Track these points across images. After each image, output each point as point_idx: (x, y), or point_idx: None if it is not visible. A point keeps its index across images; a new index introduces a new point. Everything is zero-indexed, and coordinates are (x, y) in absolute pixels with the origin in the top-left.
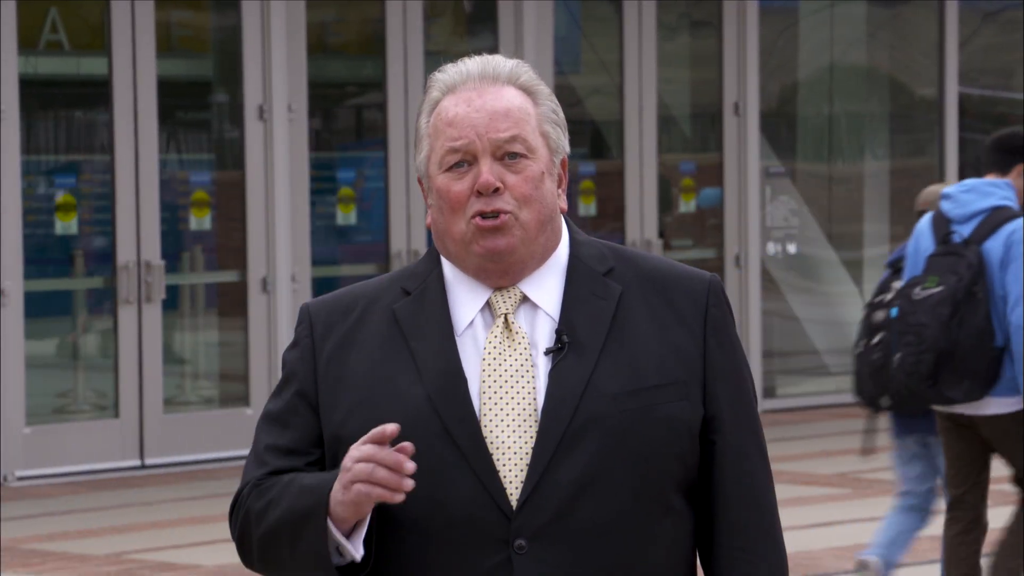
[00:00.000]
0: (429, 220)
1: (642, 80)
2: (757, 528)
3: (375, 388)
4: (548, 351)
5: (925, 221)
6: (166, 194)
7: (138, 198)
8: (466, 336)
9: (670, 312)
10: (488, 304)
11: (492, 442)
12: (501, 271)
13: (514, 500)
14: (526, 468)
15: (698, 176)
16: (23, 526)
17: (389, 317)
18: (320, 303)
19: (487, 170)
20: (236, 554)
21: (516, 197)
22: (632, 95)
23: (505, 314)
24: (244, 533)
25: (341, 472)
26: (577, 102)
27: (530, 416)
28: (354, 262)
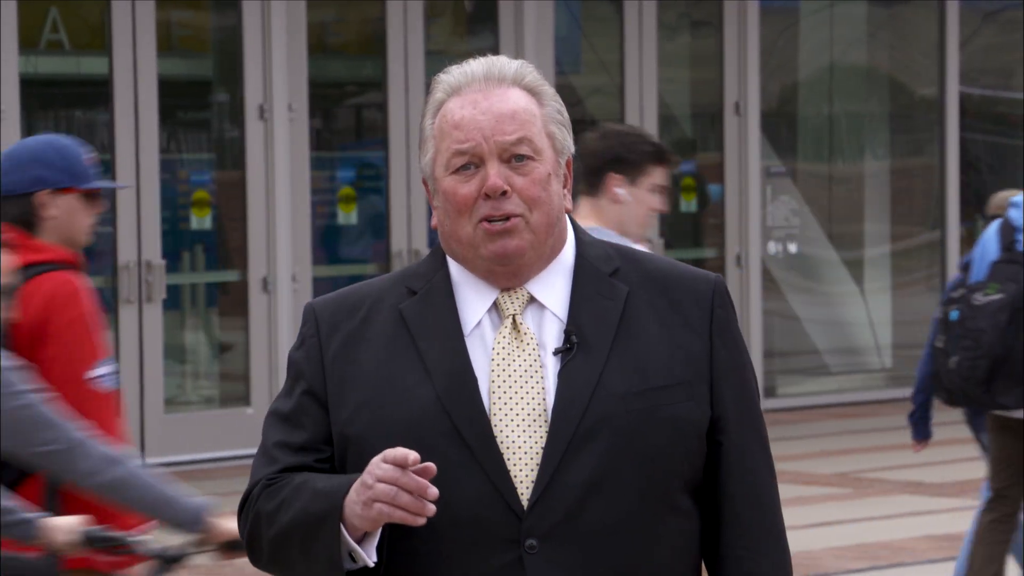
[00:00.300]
0: (435, 221)
1: (643, 80)
2: (760, 527)
3: (382, 387)
4: (557, 351)
5: (993, 227)
6: (167, 194)
7: (139, 198)
8: (474, 336)
9: (676, 313)
10: (495, 305)
11: (502, 442)
12: (510, 273)
13: (525, 500)
14: (537, 468)
15: (698, 176)
16: None
17: (395, 316)
18: (325, 302)
19: (495, 173)
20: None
21: (524, 199)
22: (633, 95)
23: (513, 315)
24: (254, 533)
25: (362, 487)
26: (578, 102)
27: (540, 416)
28: (354, 262)
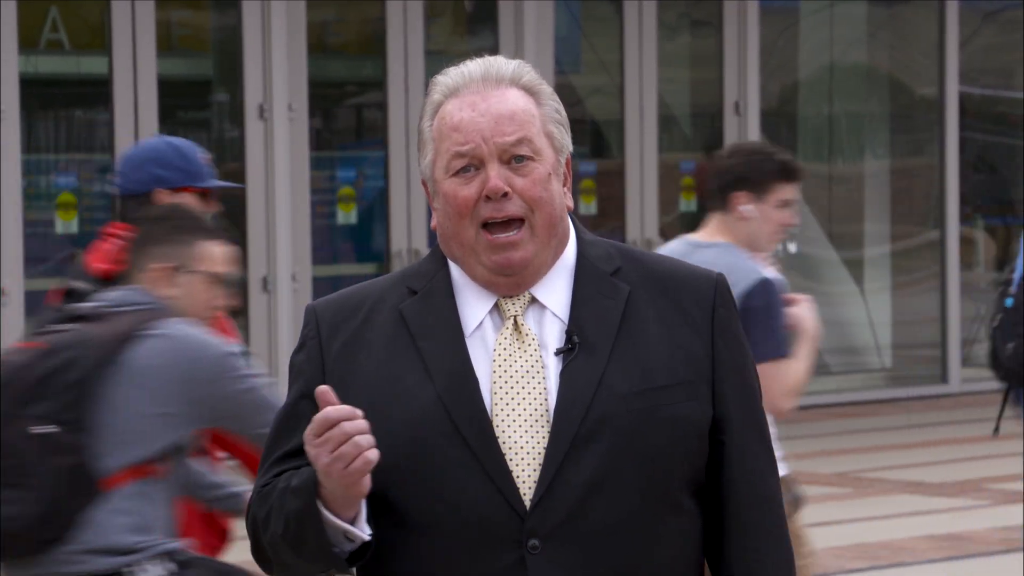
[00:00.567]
0: (435, 223)
1: (643, 80)
2: (763, 526)
3: (383, 388)
4: (558, 351)
5: None
6: None
7: None
8: (475, 337)
9: (677, 312)
10: (496, 306)
11: (504, 442)
12: (513, 284)
13: (527, 500)
14: (539, 468)
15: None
16: None
17: (396, 317)
18: (325, 303)
19: (495, 175)
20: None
21: (525, 200)
22: (633, 95)
23: (515, 316)
24: (256, 542)
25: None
26: (578, 102)
27: (542, 416)
28: (354, 262)
